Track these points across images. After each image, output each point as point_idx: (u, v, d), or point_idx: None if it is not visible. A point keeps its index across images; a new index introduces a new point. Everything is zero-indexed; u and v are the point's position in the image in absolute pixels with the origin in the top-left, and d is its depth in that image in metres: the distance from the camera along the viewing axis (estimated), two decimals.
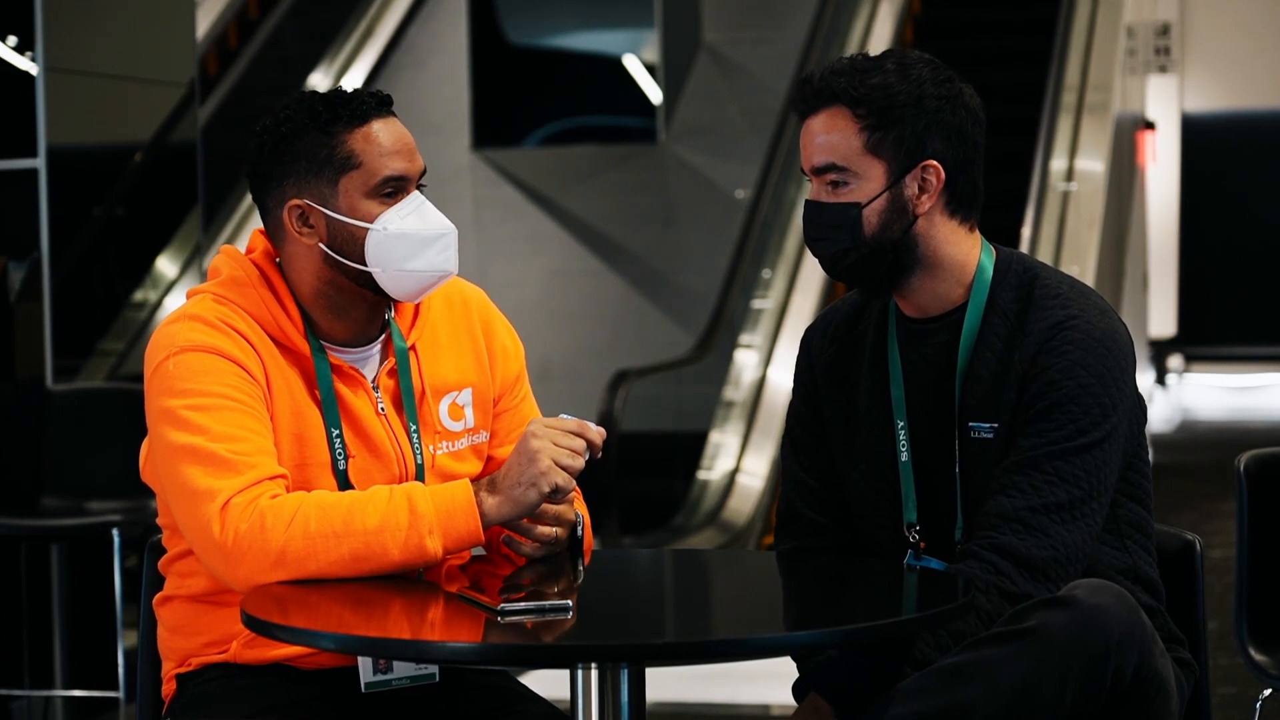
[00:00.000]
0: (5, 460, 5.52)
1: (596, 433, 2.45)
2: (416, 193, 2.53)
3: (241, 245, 2.62)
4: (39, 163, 5.56)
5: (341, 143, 2.49)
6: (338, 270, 2.52)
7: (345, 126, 2.50)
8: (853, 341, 2.72)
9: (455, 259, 2.54)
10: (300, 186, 2.50)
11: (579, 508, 2.58)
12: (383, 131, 2.51)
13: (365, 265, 2.49)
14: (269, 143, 2.53)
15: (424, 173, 2.55)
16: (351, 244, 2.50)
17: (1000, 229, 9.26)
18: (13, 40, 5.66)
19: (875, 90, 2.56)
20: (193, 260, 6.22)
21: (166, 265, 6.16)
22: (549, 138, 11.35)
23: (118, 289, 5.94)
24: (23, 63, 5.64)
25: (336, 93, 2.53)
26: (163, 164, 6.12)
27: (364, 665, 2.46)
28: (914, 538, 2.63)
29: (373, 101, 2.52)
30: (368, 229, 2.49)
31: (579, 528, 2.54)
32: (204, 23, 9.53)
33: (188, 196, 6.18)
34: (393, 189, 2.51)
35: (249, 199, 9.65)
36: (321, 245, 2.51)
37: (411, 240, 2.49)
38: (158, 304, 6.11)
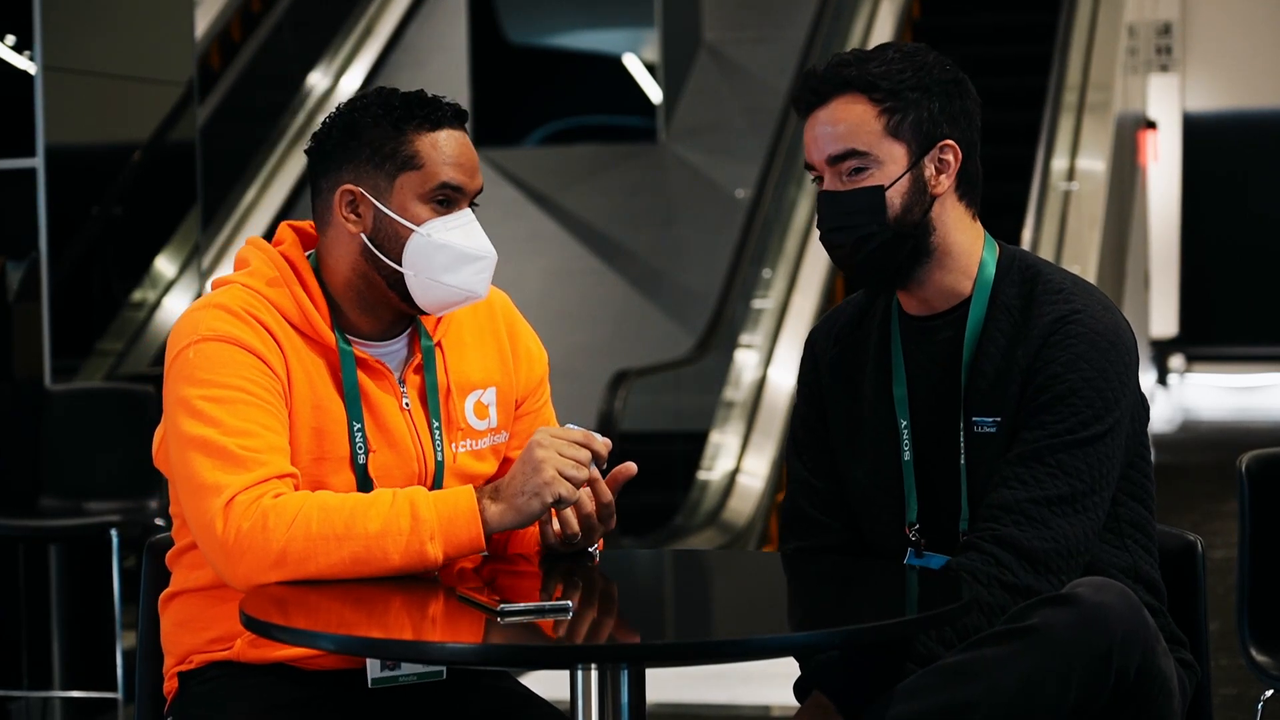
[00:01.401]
0: (3, 461, 5.52)
1: (602, 444, 2.44)
2: (468, 210, 2.54)
3: (239, 245, 2.62)
4: (37, 162, 5.56)
5: (409, 141, 2.50)
6: (372, 265, 2.52)
7: (417, 127, 2.51)
8: (857, 342, 2.71)
9: (488, 285, 2.55)
10: (358, 173, 2.51)
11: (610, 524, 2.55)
12: (450, 141, 2.53)
13: (400, 266, 2.50)
14: (339, 124, 2.54)
15: (479, 193, 2.56)
16: (393, 241, 2.50)
17: (1002, 228, 9.24)
18: (11, 39, 5.65)
19: (888, 75, 2.57)
20: (191, 260, 6.21)
21: (165, 265, 6.15)
22: (549, 137, 11.34)
23: (116, 289, 5.94)
24: (21, 62, 5.63)
25: (418, 93, 2.55)
26: (161, 163, 6.11)
27: (371, 661, 2.46)
28: (915, 536, 2.62)
29: (449, 112, 2.54)
30: (413, 230, 2.50)
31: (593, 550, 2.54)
32: (203, 22, 9.52)
33: (186, 196, 6.17)
34: (445, 198, 2.51)
35: (248, 198, 9.66)
36: (363, 236, 2.51)
37: (452, 253, 2.50)
38: (156, 304, 6.11)
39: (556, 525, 2.49)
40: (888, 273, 2.62)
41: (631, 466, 2.50)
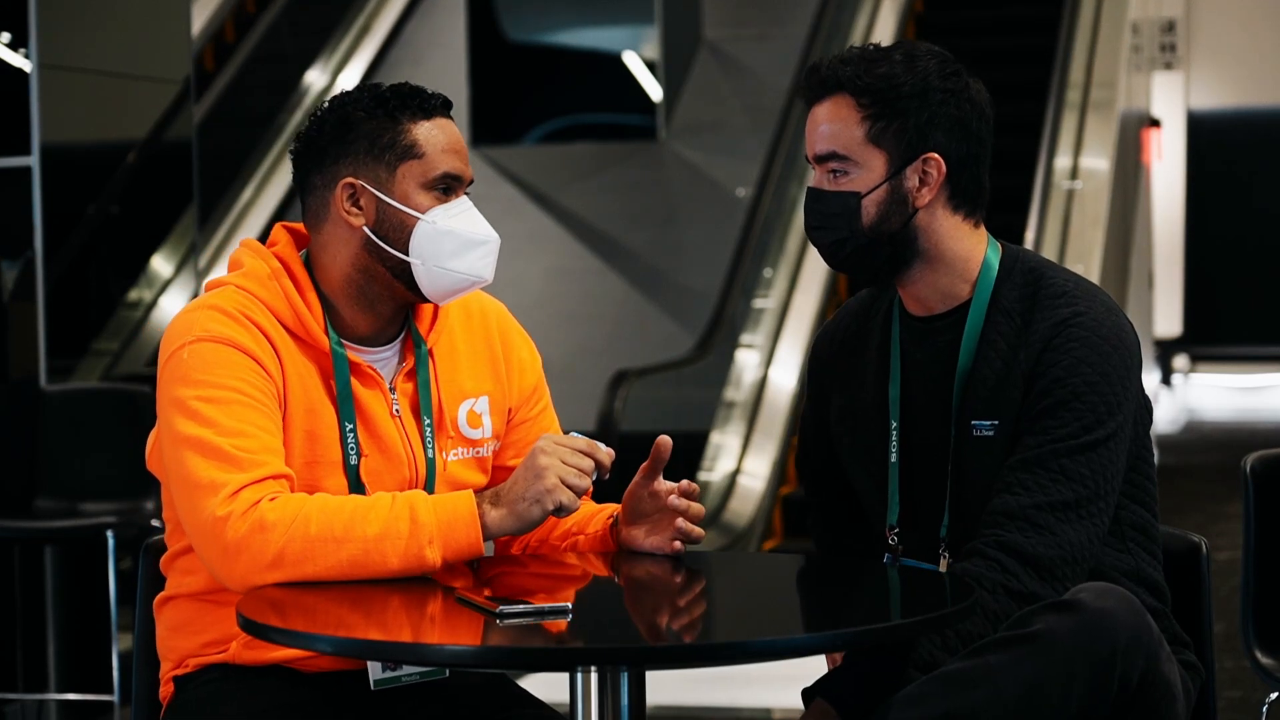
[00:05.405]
0: None
1: (606, 454, 2.45)
2: (466, 197, 2.56)
3: (235, 244, 2.60)
4: (33, 160, 5.55)
5: (406, 131, 2.52)
6: (376, 257, 2.52)
7: (411, 116, 2.53)
8: (859, 342, 2.73)
9: (493, 269, 2.57)
10: (357, 166, 2.52)
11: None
12: (444, 130, 2.55)
13: (407, 255, 2.51)
14: (331, 120, 2.54)
15: (471, 182, 2.59)
16: (399, 231, 2.51)
17: (1004, 227, 9.21)
18: (7, 37, 5.64)
19: (880, 80, 2.56)
20: (188, 259, 6.20)
21: (161, 264, 6.14)
22: (548, 135, 11.33)
23: (112, 288, 5.92)
24: (17, 60, 5.62)
25: (405, 85, 2.57)
26: (158, 162, 6.10)
27: (373, 663, 2.45)
28: (893, 540, 2.62)
29: (438, 100, 2.57)
30: (419, 219, 2.51)
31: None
32: (200, 19, 9.51)
33: (183, 195, 6.16)
34: (446, 186, 2.54)
35: (244, 197, 9.63)
36: (366, 229, 2.52)
37: (458, 239, 2.51)
38: (153, 303, 6.09)
39: (679, 542, 2.57)
40: (868, 275, 2.63)
41: (666, 440, 2.53)
